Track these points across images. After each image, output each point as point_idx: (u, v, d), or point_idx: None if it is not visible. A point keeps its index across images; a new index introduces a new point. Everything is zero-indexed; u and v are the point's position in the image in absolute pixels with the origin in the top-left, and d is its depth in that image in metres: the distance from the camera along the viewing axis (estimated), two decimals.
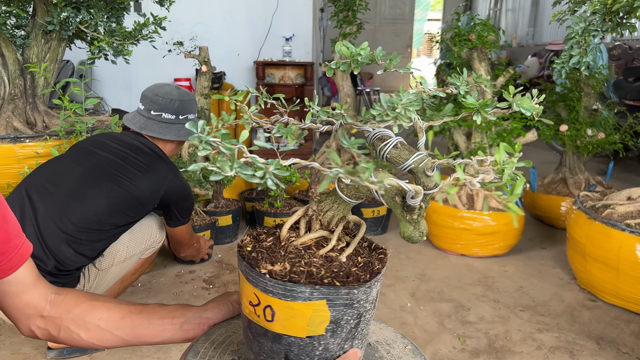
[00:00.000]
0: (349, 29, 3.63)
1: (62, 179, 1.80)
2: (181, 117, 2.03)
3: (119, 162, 1.86)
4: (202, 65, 3.07)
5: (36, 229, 1.68)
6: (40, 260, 1.65)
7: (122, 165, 1.85)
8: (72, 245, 1.70)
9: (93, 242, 1.77)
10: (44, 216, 1.70)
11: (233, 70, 5.57)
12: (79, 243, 1.72)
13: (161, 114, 1.99)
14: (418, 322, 2.26)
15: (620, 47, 6.11)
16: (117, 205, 1.79)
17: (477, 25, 2.88)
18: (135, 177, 1.84)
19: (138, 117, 2.02)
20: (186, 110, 2.04)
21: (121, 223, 1.84)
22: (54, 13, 2.54)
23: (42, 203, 1.73)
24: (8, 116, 2.59)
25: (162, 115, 1.99)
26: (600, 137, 3.22)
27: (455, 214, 2.91)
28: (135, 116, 2.04)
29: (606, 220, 2.35)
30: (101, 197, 1.77)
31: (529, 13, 9.64)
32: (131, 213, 1.84)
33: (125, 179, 1.82)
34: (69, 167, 1.84)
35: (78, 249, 1.72)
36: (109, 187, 1.79)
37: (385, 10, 13.01)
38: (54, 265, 1.67)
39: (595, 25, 2.04)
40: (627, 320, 2.31)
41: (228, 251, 3.00)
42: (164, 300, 2.40)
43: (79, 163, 1.85)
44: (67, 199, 1.74)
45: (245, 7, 5.53)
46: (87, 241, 1.74)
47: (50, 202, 1.73)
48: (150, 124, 1.99)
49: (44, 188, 1.77)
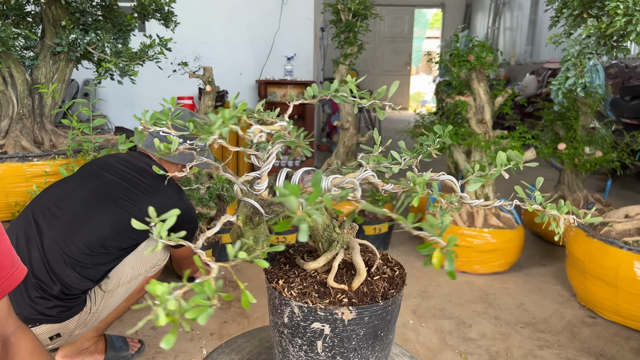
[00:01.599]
0: (350, 49, 3.70)
1: (68, 202, 1.81)
2: (189, 142, 2.05)
3: (124, 184, 1.87)
4: (207, 85, 3.13)
5: (42, 253, 1.70)
6: (45, 284, 1.66)
7: (126, 187, 1.86)
8: (77, 269, 1.71)
9: (98, 266, 1.78)
10: (49, 240, 1.71)
11: (235, 88, 5.65)
12: (84, 267, 1.73)
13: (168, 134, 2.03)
14: (420, 338, 2.29)
15: (616, 65, 6.18)
16: (121, 228, 1.80)
17: (476, 47, 2.95)
18: (140, 200, 1.85)
19: (146, 135, 2.06)
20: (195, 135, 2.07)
21: (125, 246, 1.85)
22: (63, 35, 2.60)
23: (47, 227, 1.74)
24: (16, 135, 2.64)
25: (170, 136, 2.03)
26: (598, 156, 3.27)
27: (455, 231, 2.95)
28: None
29: (604, 237, 2.39)
30: (105, 221, 1.78)
31: (526, 32, 9.76)
32: (135, 236, 1.86)
33: (129, 202, 1.83)
34: (74, 190, 1.86)
35: (83, 272, 1.73)
36: (112, 210, 1.80)
37: (384, 28, 13.17)
38: (60, 290, 1.68)
39: (590, 48, 2.10)
40: (626, 337, 2.33)
41: (231, 268, 3.02)
42: None
43: (84, 186, 1.87)
44: (72, 223, 1.76)
45: (248, 27, 5.63)
46: (92, 265, 1.75)
47: (56, 225, 1.75)
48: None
49: (49, 212, 1.78)
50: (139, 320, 2.37)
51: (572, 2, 2.23)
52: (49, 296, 1.66)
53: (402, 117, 11.71)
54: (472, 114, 3.00)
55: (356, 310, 0.87)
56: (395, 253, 3.38)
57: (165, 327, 2.35)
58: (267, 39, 5.63)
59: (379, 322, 0.89)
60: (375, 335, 0.90)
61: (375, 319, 0.89)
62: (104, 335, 2.08)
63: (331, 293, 0.91)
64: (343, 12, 3.62)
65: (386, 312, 0.90)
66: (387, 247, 3.44)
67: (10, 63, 2.63)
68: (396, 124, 9.75)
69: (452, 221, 3.01)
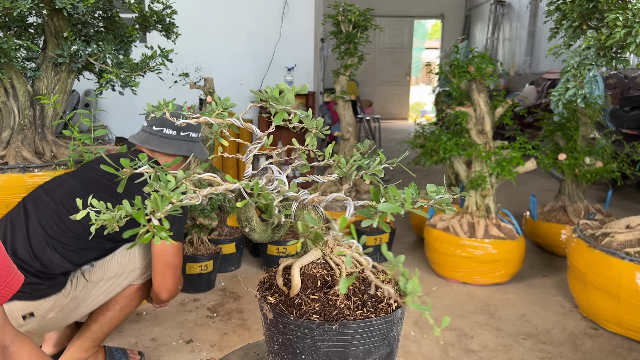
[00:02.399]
0: (350, 60, 3.72)
1: (58, 190, 1.87)
2: (183, 134, 2.05)
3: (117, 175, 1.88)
4: (207, 96, 3.14)
5: (25, 235, 1.75)
6: (25, 263, 1.71)
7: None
8: (57, 249, 1.75)
9: (82, 250, 1.80)
10: (34, 223, 1.77)
11: (236, 99, 5.64)
12: (65, 248, 1.76)
13: (162, 129, 2.03)
14: (422, 350, 2.27)
15: (616, 76, 6.21)
16: None
17: (476, 58, 2.96)
18: (131, 189, 1.85)
19: (141, 133, 2.07)
20: (188, 127, 2.06)
21: (109, 236, 1.82)
22: (65, 46, 2.61)
23: (34, 211, 1.80)
24: (17, 146, 2.65)
25: (163, 130, 2.03)
26: (598, 166, 3.27)
27: (456, 242, 2.94)
28: (138, 133, 2.08)
29: (606, 248, 2.38)
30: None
31: (525, 42, 9.82)
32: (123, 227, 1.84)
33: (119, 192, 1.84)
34: (66, 181, 1.91)
35: (64, 254, 1.76)
36: (103, 198, 1.80)
37: (384, 39, 13.25)
38: (38, 269, 1.72)
39: (590, 59, 2.11)
40: (629, 348, 2.31)
41: (232, 279, 3.02)
42: (169, 329, 2.41)
43: (76, 177, 1.92)
44: (60, 207, 1.80)
45: (249, 38, 5.67)
46: (75, 248, 1.78)
47: (42, 209, 1.80)
48: (151, 139, 2.03)
49: (39, 198, 1.84)
50: (138, 332, 2.36)
51: (571, 14, 2.25)
52: (26, 273, 1.68)
53: (402, 127, 11.74)
54: (473, 125, 3.01)
55: (272, 312, 0.92)
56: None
57: (166, 338, 2.33)
58: (268, 50, 5.66)
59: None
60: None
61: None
62: (103, 346, 2.07)
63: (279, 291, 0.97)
64: (343, 23, 3.64)
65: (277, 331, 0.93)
66: None
67: (12, 74, 2.64)
68: (396, 134, 9.77)
69: (453, 232, 3.01)
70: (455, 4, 13.18)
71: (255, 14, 5.66)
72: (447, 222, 3.08)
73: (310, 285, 0.97)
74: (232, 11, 5.67)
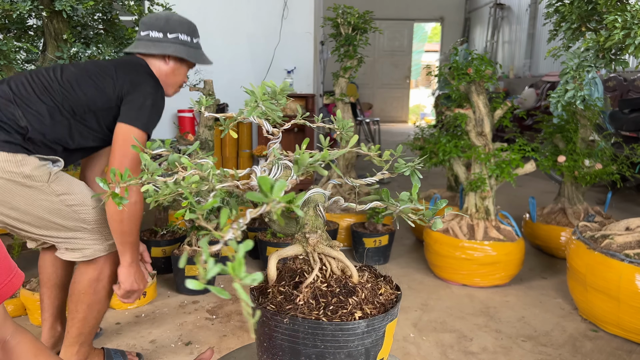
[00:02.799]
0: (349, 62, 3.72)
1: (44, 72, 1.85)
2: (170, 36, 2.03)
3: (107, 64, 1.94)
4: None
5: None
6: None
7: (107, 65, 1.92)
8: (21, 107, 1.71)
9: (41, 115, 1.74)
10: (9, 82, 1.77)
11: (236, 101, 5.67)
12: (28, 108, 1.72)
13: (148, 33, 2.03)
14: (421, 352, 2.27)
15: (615, 78, 6.22)
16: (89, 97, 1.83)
17: (475, 60, 2.96)
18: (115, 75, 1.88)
19: (132, 44, 2.09)
20: (174, 29, 2.04)
21: (79, 112, 1.82)
22: (64, 48, 2.62)
23: (15, 85, 1.77)
24: None
25: (149, 34, 2.03)
26: (598, 168, 3.27)
27: (456, 244, 2.94)
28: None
29: (605, 250, 2.38)
30: (73, 80, 1.82)
31: (525, 45, 9.84)
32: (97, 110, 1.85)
33: (107, 77, 1.87)
34: (53, 67, 1.90)
35: (26, 114, 1.71)
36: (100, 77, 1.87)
37: (384, 42, 13.27)
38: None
39: (589, 61, 2.11)
40: (629, 350, 2.31)
41: (231, 281, 3.01)
42: (168, 331, 2.41)
43: (65, 66, 1.92)
44: (43, 81, 1.80)
45: (248, 40, 5.67)
46: (36, 112, 1.73)
47: (25, 84, 1.78)
48: (139, 44, 2.03)
49: (25, 78, 1.81)
50: (137, 334, 2.35)
51: (570, 16, 2.25)
52: None
53: (402, 129, 11.75)
54: (472, 127, 3.01)
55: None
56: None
57: (165, 340, 2.33)
58: (268, 53, 5.67)
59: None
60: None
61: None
62: (102, 348, 2.07)
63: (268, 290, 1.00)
64: (343, 25, 3.65)
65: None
66: (388, 259, 3.43)
67: None
68: (396, 136, 9.78)
69: (452, 234, 3.01)
70: (455, 7, 13.21)
71: (255, 17, 5.67)
72: (446, 224, 3.08)
73: (287, 277, 1.02)
74: (231, 13, 5.68)
